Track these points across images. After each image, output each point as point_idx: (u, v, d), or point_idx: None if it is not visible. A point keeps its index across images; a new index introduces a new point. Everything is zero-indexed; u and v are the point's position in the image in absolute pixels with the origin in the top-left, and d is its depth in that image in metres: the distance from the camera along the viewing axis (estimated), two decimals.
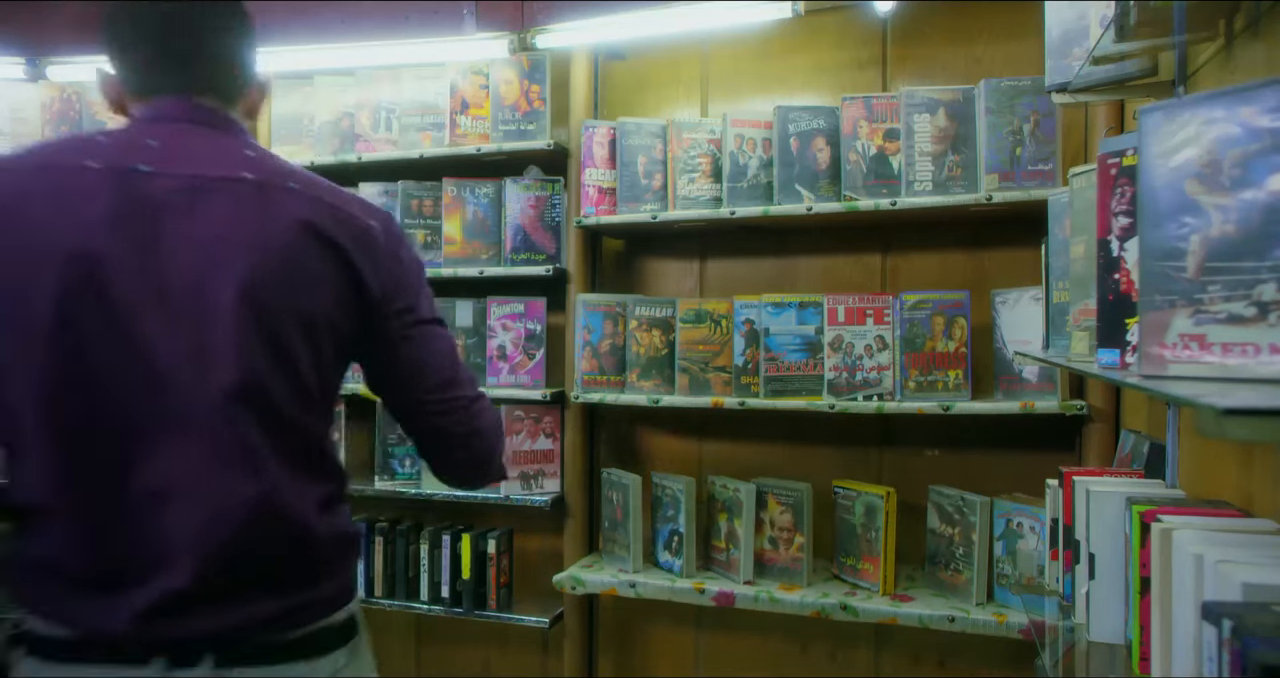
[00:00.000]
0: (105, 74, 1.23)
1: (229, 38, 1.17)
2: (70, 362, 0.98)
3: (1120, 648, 1.30)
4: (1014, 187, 2.10)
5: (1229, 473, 1.32)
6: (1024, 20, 2.20)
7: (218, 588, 1.00)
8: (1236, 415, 0.65)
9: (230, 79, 1.17)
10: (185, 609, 0.99)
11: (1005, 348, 2.17)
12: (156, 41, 1.19)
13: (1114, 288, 1.09)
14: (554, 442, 2.60)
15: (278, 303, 1.03)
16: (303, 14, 2.79)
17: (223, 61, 1.16)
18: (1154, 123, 0.91)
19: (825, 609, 2.18)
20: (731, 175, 2.36)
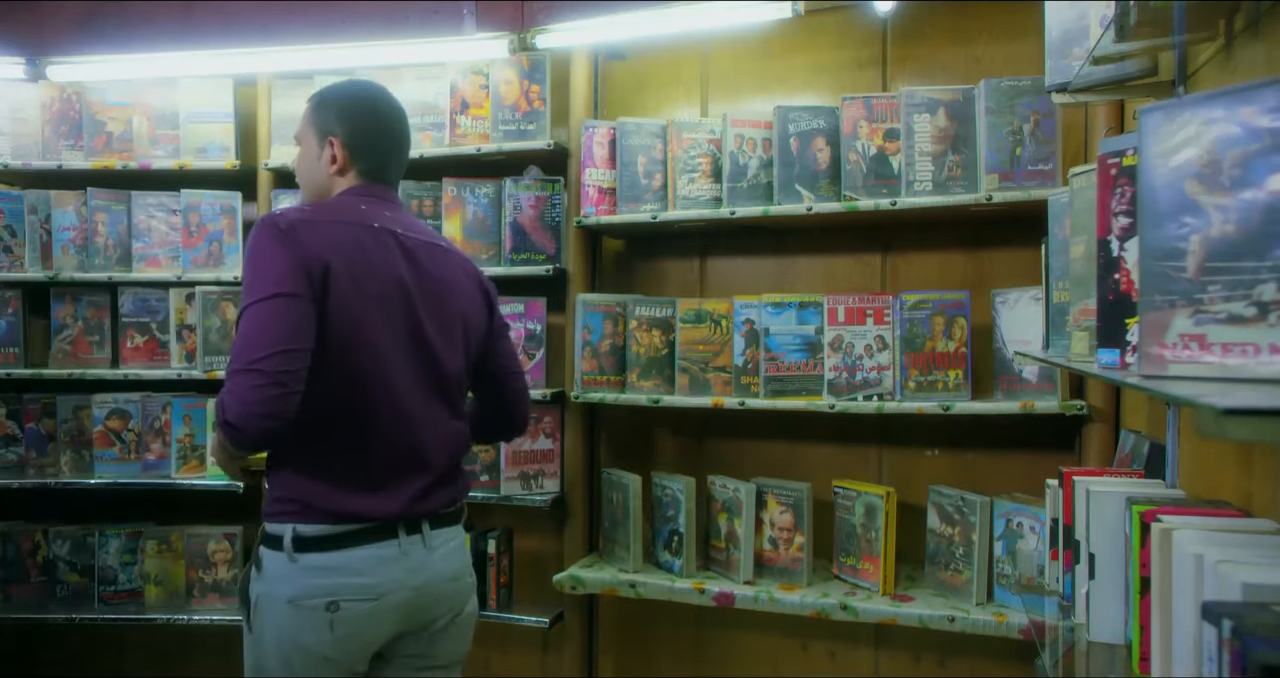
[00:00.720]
0: (334, 141, 1.66)
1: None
2: (398, 341, 1.55)
3: (1120, 648, 1.30)
4: (1014, 187, 2.10)
5: (1229, 473, 1.31)
6: (1024, 20, 2.20)
7: (441, 481, 1.60)
8: (1236, 415, 0.65)
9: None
10: (427, 495, 1.57)
11: (1005, 348, 2.17)
12: (396, 149, 1.73)
13: (1114, 288, 1.09)
14: (554, 442, 2.60)
15: (468, 320, 1.68)
16: (303, 14, 2.79)
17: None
18: (1154, 123, 0.91)
19: (825, 609, 2.18)
20: (731, 175, 2.36)
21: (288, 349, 1.41)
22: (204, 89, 2.81)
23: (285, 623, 1.47)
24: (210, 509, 2.88)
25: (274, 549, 1.48)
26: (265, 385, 1.39)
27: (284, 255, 1.45)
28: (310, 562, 1.47)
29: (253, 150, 2.83)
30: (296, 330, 1.43)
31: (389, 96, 1.71)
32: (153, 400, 2.81)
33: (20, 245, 2.83)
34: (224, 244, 2.82)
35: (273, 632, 1.48)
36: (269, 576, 1.48)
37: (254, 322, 1.43)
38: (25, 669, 3.09)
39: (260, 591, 1.49)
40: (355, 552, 1.48)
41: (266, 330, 1.42)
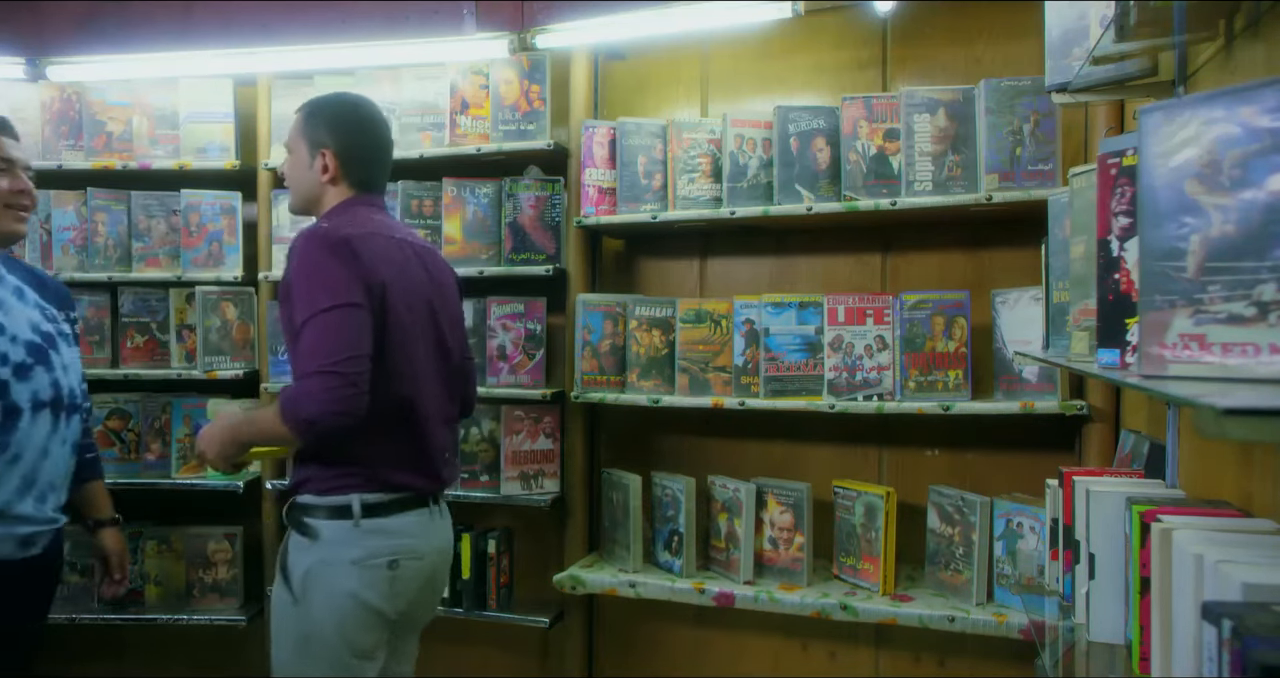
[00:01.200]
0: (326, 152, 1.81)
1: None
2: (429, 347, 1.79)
3: (1120, 648, 1.30)
4: (1014, 186, 2.10)
5: (1229, 473, 1.31)
6: (1024, 20, 2.20)
7: (449, 460, 1.85)
8: (1236, 415, 0.65)
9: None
10: (442, 473, 1.81)
11: (1005, 348, 2.17)
12: (385, 160, 1.90)
13: (1114, 288, 1.09)
14: (554, 442, 2.60)
15: (460, 317, 1.94)
16: (303, 14, 2.79)
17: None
18: (1154, 123, 0.91)
19: (825, 609, 2.18)
20: (731, 175, 2.36)
21: (357, 355, 1.60)
22: (204, 89, 2.81)
23: (346, 583, 1.65)
24: (210, 509, 2.88)
25: (335, 518, 1.67)
26: (341, 386, 1.57)
27: (343, 269, 1.64)
28: (371, 526, 1.68)
29: (253, 150, 2.83)
30: (360, 338, 1.62)
31: (377, 109, 1.89)
32: (153, 400, 2.81)
33: (20, 245, 2.83)
34: (224, 244, 2.82)
35: (327, 595, 1.65)
36: (329, 541, 1.67)
37: (326, 329, 1.61)
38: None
39: (317, 557, 1.67)
40: (405, 517, 1.72)
41: (340, 336, 1.61)
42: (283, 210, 2.78)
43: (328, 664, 1.66)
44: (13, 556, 1.77)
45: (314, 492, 1.70)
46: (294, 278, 1.65)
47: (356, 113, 1.84)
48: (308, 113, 1.84)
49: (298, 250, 1.66)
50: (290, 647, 1.69)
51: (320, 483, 1.69)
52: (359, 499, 1.68)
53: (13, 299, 1.83)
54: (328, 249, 1.64)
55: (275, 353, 2.75)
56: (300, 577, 1.67)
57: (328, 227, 1.69)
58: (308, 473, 1.72)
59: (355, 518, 1.67)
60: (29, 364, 1.78)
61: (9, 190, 1.82)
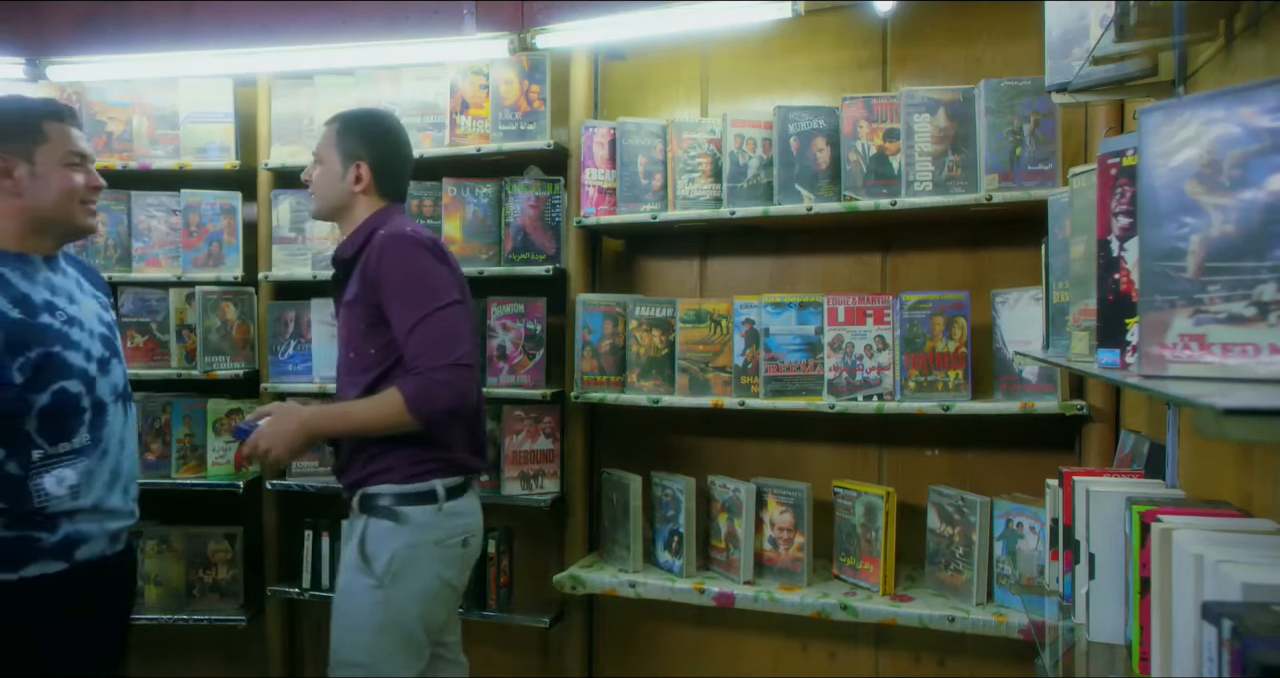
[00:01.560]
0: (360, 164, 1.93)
1: None
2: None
3: (1120, 648, 1.30)
4: (1014, 186, 2.10)
5: (1229, 473, 1.31)
6: (1024, 20, 2.20)
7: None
8: (1236, 415, 0.65)
9: None
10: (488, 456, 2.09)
11: (1005, 348, 2.17)
12: (410, 171, 2.04)
13: (1114, 288, 1.09)
14: (554, 442, 2.60)
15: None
16: (303, 14, 2.79)
17: None
18: (1154, 123, 0.91)
19: (825, 609, 2.18)
20: (731, 175, 2.36)
21: (472, 348, 1.78)
22: (204, 89, 2.81)
23: (432, 564, 1.79)
24: (210, 509, 2.88)
25: (420, 503, 1.80)
26: (470, 378, 1.76)
27: (444, 269, 1.81)
28: (450, 508, 1.82)
29: (253, 150, 2.83)
30: (470, 332, 1.81)
31: (401, 125, 2.04)
32: (153, 400, 2.81)
33: None
34: (224, 244, 2.82)
35: (416, 576, 1.78)
36: (416, 525, 1.79)
37: (449, 324, 1.76)
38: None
39: (404, 541, 1.78)
40: (469, 497, 1.89)
41: (462, 330, 1.78)
42: (283, 210, 2.78)
43: (404, 643, 1.78)
44: (106, 551, 1.76)
45: (396, 479, 1.80)
46: (396, 277, 1.77)
47: (389, 128, 1.99)
48: (341, 126, 1.96)
49: (394, 252, 1.78)
50: (370, 630, 1.76)
51: (402, 470, 1.81)
52: (441, 484, 1.82)
53: (78, 292, 1.81)
54: (426, 250, 1.79)
55: (275, 353, 2.75)
56: (386, 561, 1.77)
57: (410, 230, 1.83)
58: (387, 462, 1.81)
59: (440, 502, 1.80)
60: (106, 358, 1.79)
61: (86, 186, 1.77)
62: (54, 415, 1.66)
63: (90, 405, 1.72)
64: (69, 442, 1.69)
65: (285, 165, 2.76)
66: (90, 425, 1.72)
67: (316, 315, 2.70)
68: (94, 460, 1.72)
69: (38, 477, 1.65)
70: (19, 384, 1.62)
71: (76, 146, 1.76)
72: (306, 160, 2.72)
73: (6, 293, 1.66)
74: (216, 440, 2.78)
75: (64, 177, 1.73)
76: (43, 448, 1.66)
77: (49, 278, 1.75)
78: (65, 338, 1.70)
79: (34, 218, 1.73)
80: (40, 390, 1.64)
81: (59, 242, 1.80)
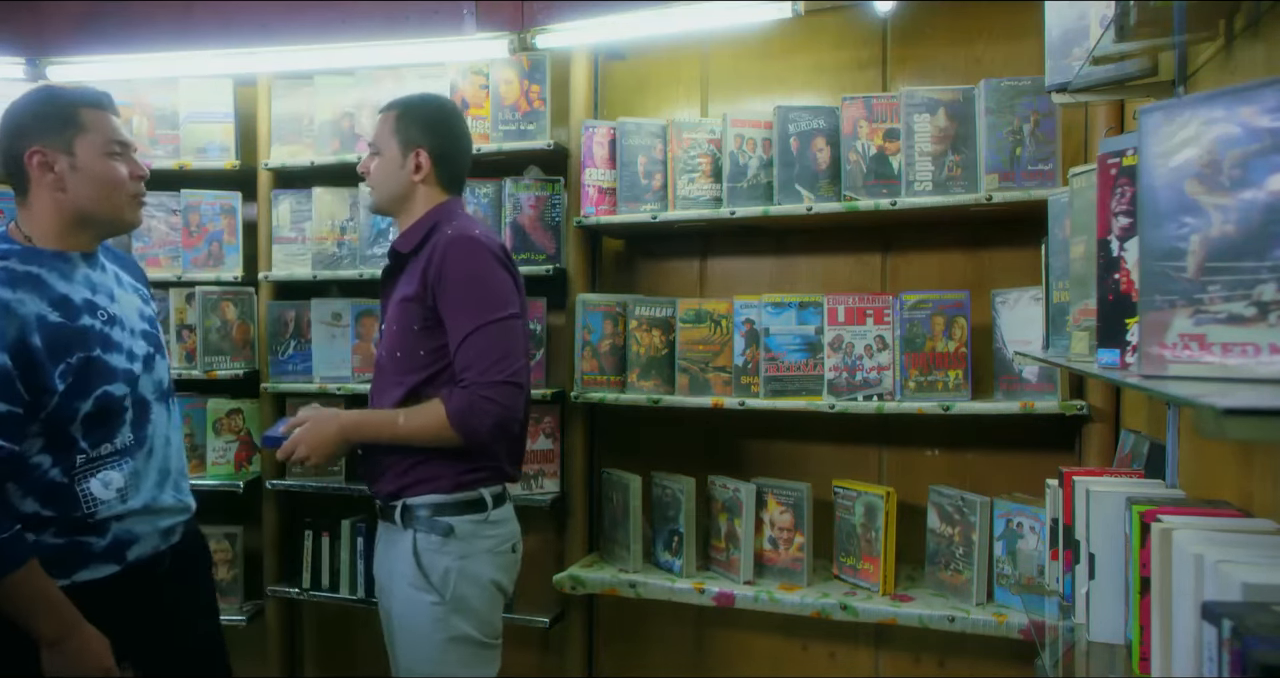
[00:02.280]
0: (420, 152, 1.84)
1: None
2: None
3: (1120, 648, 1.30)
4: (1014, 186, 2.10)
5: (1229, 473, 1.32)
6: (1024, 20, 2.20)
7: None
8: (1236, 415, 0.65)
9: None
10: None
11: (1005, 348, 2.17)
12: (470, 161, 1.95)
13: (1114, 288, 1.09)
14: (554, 442, 2.60)
15: None
16: (303, 14, 2.79)
17: None
18: (1154, 123, 0.91)
19: (825, 609, 2.18)
20: (731, 175, 2.36)
21: (526, 364, 1.75)
22: (204, 89, 2.81)
23: (488, 572, 1.78)
24: (210, 509, 2.87)
25: (468, 512, 1.77)
26: (519, 396, 1.72)
27: (507, 278, 1.77)
28: (496, 516, 1.81)
29: (253, 150, 2.82)
30: (526, 346, 1.79)
31: (461, 113, 1.96)
32: None
33: None
34: (224, 244, 2.82)
35: (475, 586, 1.76)
36: (465, 536, 1.76)
37: (505, 338, 1.71)
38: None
39: (457, 553, 1.75)
40: (508, 505, 1.88)
41: (516, 346, 1.73)
42: (283, 210, 2.78)
43: (474, 653, 1.77)
44: (160, 546, 1.71)
45: (445, 489, 1.77)
46: (459, 281, 1.71)
47: (450, 114, 1.91)
48: (400, 113, 1.87)
49: (460, 254, 1.72)
50: (438, 645, 1.74)
51: (451, 479, 1.77)
52: (488, 492, 1.80)
53: (118, 288, 1.72)
54: (492, 256, 1.74)
55: (275, 353, 2.75)
56: (443, 575, 1.74)
57: (479, 233, 1.77)
58: (432, 470, 1.76)
59: (488, 511, 1.79)
60: (150, 354, 1.73)
61: (132, 176, 1.67)
62: (98, 419, 1.60)
63: (133, 405, 1.66)
64: (111, 443, 1.62)
65: (285, 165, 2.76)
66: (133, 425, 1.66)
67: (316, 315, 2.70)
68: (140, 461, 1.67)
69: (83, 481, 1.59)
70: (61, 391, 1.54)
71: (118, 135, 1.67)
72: (306, 160, 2.74)
73: (45, 296, 1.57)
74: (216, 440, 2.78)
75: (107, 168, 1.63)
76: (85, 452, 1.59)
77: (88, 275, 1.66)
78: (106, 340, 1.62)
79: (77, 213, 1.63)
80: (84, 397, 1.57)
81: (100, 237, 1.71)
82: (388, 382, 1.82)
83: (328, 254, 2.74)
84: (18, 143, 1.61)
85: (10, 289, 1.53)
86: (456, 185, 1.92)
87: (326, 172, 2.75)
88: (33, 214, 1.63)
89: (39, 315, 1.54)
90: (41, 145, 1.60)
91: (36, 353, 1.51)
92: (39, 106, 1.65)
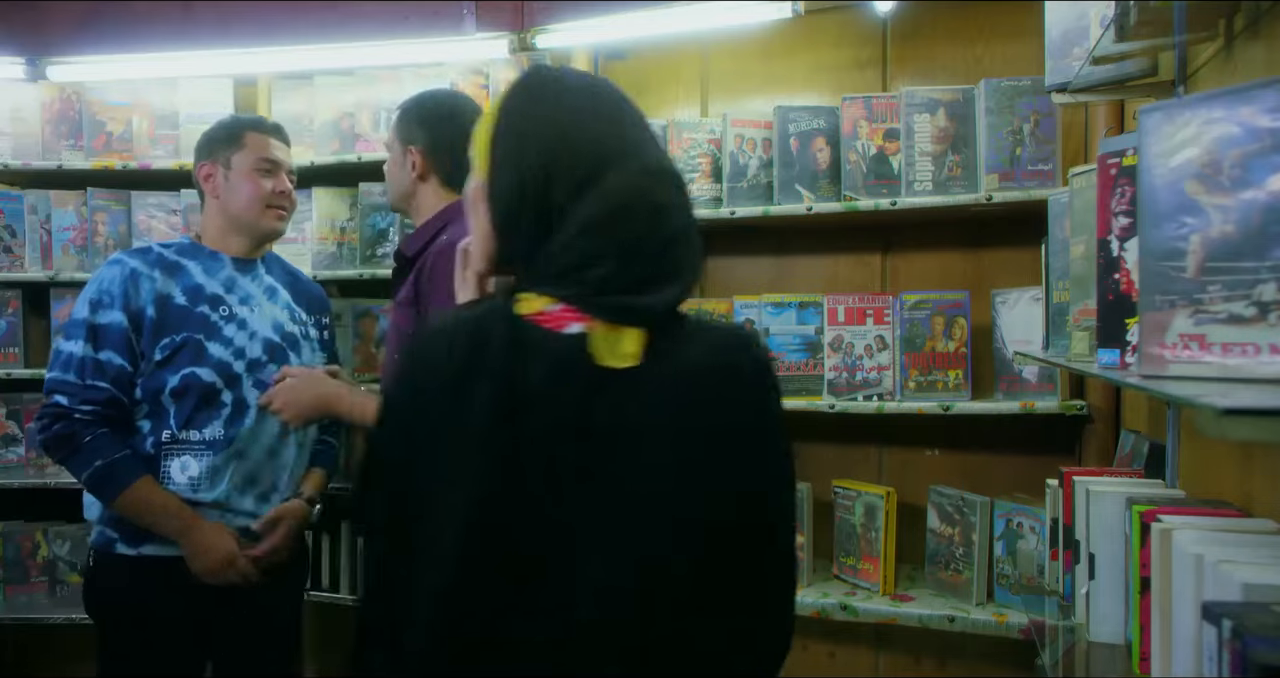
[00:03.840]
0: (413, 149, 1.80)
1: None
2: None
3: (1120, 648, 1.30)
4: (1014, 187, 2.10)
5: (1229, 473, 1.32)
6: (1024, 20, 2.19)
7: None
8: (1236, 415, 0.65)
9: None
10: None
11: (1005, 348, 2.17)
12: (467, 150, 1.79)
13: (1114, 288, 1.09)
14: None
15: None
16: (303, 14, 2.79)
17: None
18: (1154, 123, 0.91)
19: (825, 609, 2.18)
20: (731, 175, 2.36)
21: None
22: (204, 89, 2.81)
23: None
24: None
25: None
26: None
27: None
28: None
29: None
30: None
31: (472, 105, 1.89)
32: None
33: (20, 245, 2.83)
34: None
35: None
36: None
37: None
38: (25, 670, 3.09)
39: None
40: None
41: None
42: None
43: None
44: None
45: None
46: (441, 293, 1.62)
47: (449, 109, 1.86)
48: (401, 111, 1.88)
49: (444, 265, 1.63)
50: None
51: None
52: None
53: (263, 297, 1.94)
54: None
55: None
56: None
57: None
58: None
59: None
60: (263, 362, 1.87)
61: (272, 191, 1.91)
62: (183, 398, 1.79)
63: (231, 402, 1.82)
64: (199, 431, 1.80)
65: None
66: (227, 422, 1.82)
67: None
68: (223, 458, 1.81)
69: (167, 459, 1.80)
70: (157, 361, 1.78)
71: (269, 155, 1.92)
72: (307, 160, 2.73)
73: (180, 282, 1.84)
74: None
75: (253, 181, 1.89)
76: (171, 430, 1.80)
77: (232, 277, 1.90)
78: (215, 329, 1.83)
79: (229, 219, 1.91)
80: (173, 372, 1.78)
81: (254, 243, 1.95)
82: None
83: (328, 254, 2.73)
84: (196, 158, 1.94)
85: (150, 267, 1.83)
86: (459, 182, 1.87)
87: (326, 172, 2.75)
88: (204, 218, 1.95)
89: (164, 294, 1.81)
90: (209, 160, 1.91)
91: (148, 322, 1.79)
92: (215, 129, 1.96)
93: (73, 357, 1.78)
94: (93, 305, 1.80)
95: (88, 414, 1.76)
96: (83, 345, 1.78)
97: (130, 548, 1.81)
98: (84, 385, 1.76)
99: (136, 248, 1.94)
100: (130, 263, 1.83)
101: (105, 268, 1.84)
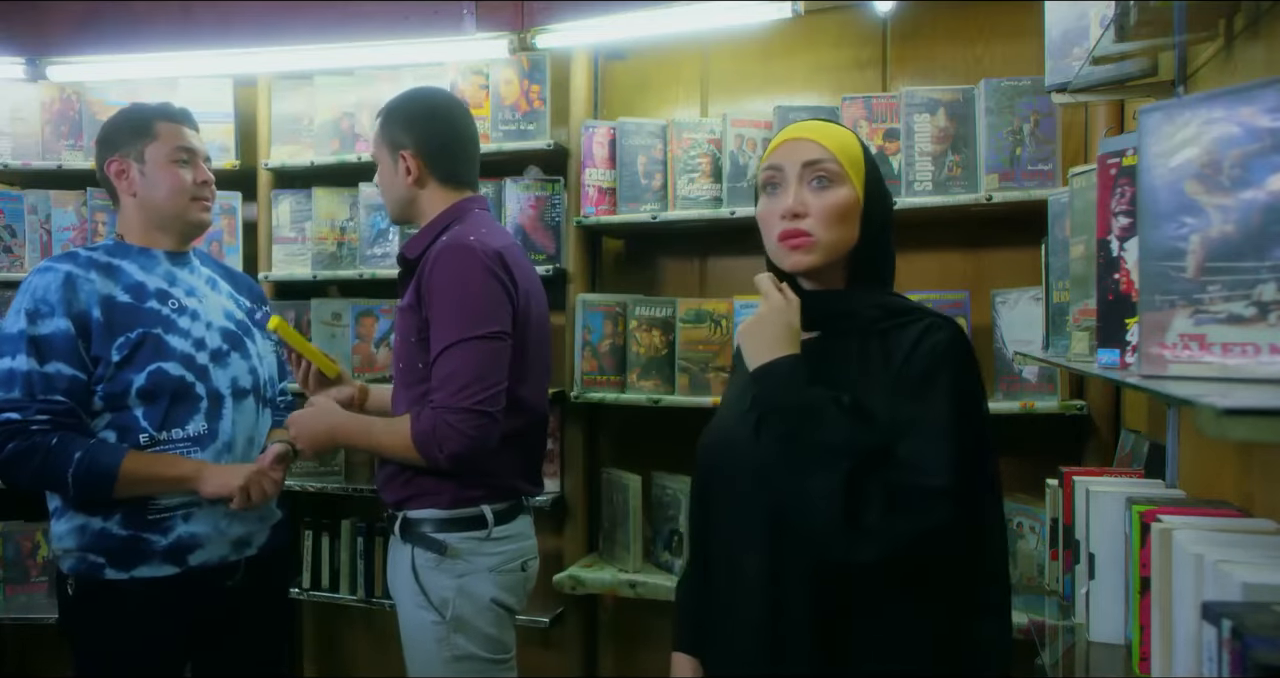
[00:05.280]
0: (405, 154, 1.74)
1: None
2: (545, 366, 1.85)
3: (1120, 648, 1.30)
4: (1014, 187, 2.10)
5: (1229, 473, 1.32)
6: (1024, 20, 2.20)
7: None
8: (1236, 415, 0.65)
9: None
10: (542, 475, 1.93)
11: (1005, 348, 2.17)
12: (471, 149, 1.81)
13: (1114, 288, 1.09)
14: (554, 442, 2.59)
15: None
16: (303, 14, 2.79)
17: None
18: (1154, 123, 0.91)
19: None
20: (731, 175, 2.36)
21: (499, 390, 1.61)
22: (204, 89, 2.81)
23: (489, 591, 1.69)
24: None
25: (467, 529, 1.67)
26: (488, 424, 1.58)
27: (496, 290, 1.62)
28: (500, 532, 1.70)
29: (252, 150, 2.82)
30: (502, 370, 1.62)
31: (453, 99, 1.86)
32: None
33: (20, 245, 2.83)
34: (223, 244, 2.81)
35: (475, 606, 1.67)
36: (465, 553, 1.67)
37: (479, 358, 1.59)
38: (25, 670, 3.09)
39: (457, 572, 1.67)
40: (523, 519, 1.79)
41: (487, 369, 1.60)
42: (283, 210, 2.78)
43: (482, 668, 1.70)
44: (229, 557, 1.79)
45: (444, 504, 1.67)
46: (442, 292, 1.61)
47: (434, 106, 1.79)
48: (383, 118, 1.79)
49: (446, 263, 1.61)
50: (442, 664, 1.67)
51: (448, 495, 1.67)
52: (490, 508, 1.69)
53: (206, 287, 1.88)
54: (482, 267, 1.61)
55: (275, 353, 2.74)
56: (442, 596, 1.66)
57: (474, 239, 1.63)
58: (432, 484, 1.67)
59: (489, 528, 1.68)
60: (225, 351, 1.83)
61: (193, 182, 1.82)
62: (154, 397, 1.71)
63: (206, 395, 1.77)
64: (182, 428, 1.74)
65: (285, 165, 2.76)
66: (208, 415, 1.77)
67: (316, 315, 2.70)
68: (211, 454, 1.76)
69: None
70: (115, 362, 1.69)
71: (185, 143, 1.82)
72: (306, 160, 2.74)
73: (120, 280, 1.75)
74: None
75: (171, 173, 1.80)
76: (149, 432, 1.71)
77: (170, 271, 1.83)
78: (170, 323, 1.76)
79: (150, 215, 1.81)
80: (137, 370, 1.70)
81: (181, 239, 1.86)
82: (398, 392, 1.77)
83: (328, 254, 2.74)
84: (101, 154, 1.83)
85: (84, 270, 1.73)
86: (462, 181, 1.78)
87: (326, 172, 2.75)
88: (121, 217, 1.85)
89: (106, 294, 1.72)
90: (120, 155, 1.80)
91: (95, 324, 1.69)
92: (121, 120, 1.84)
93: (15, 373, 1.65)
94: (30, 316, 1.67)
95: (45, 423, 1.64)
96: (26, 360, 1.65)
97: (121, 572, 1.69)
98: (35, 400, 1.64)
99: (62, 254, 1.80)
100: (63, 268, 1.71)
101: (35, 276, 1.72)
